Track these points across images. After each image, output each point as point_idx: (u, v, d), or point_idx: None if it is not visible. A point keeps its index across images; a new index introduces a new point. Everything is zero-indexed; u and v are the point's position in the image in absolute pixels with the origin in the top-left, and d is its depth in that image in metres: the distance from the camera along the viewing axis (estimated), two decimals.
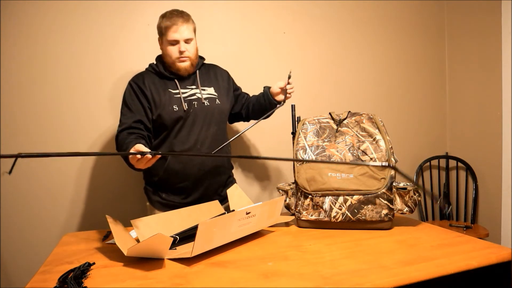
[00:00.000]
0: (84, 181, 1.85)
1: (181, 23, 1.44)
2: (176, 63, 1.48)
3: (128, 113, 1.46)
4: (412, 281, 0.85)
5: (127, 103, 1.47)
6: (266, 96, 1.60)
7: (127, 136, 1.38)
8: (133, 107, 1.46)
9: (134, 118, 1.44)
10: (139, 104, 1.46)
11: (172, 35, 1.45)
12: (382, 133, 1.30)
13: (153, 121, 1.49)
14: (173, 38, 1.45)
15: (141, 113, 1.46)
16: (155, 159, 1.21)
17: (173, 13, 1.47)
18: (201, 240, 0.97)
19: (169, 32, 1.45)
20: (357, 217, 1.23)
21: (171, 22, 1.44)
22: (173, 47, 1.47)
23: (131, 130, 1.41)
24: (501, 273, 0.97)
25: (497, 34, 2.22)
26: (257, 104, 1.65)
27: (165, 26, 1.45)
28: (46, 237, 1.79)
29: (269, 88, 1.60)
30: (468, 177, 2.45)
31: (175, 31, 1.44)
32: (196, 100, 1.51)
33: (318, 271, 0.89)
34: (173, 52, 1.47)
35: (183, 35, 1.45)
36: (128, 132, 1.41)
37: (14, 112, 1.74)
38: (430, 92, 2.55)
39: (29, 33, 1.74)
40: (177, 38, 1.45)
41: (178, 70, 1.50)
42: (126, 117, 1.45)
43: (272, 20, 2.14)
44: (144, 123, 1.46)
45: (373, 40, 2.38)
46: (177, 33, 1.44)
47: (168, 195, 1.53)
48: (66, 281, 0.87)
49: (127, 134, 1.39)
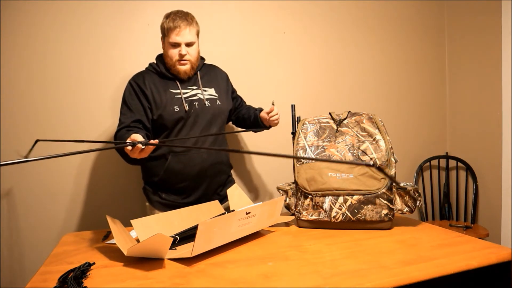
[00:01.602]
0: (84, 181, 1.85)
1: (184, 26, 1.43)
2: (176, 65, 1.48)
3: (127, 113, 1.45)
4: (412, 281, 0.85)
5: (127, 103, 1.47)
6: (254, 119, 1.63)
7: (125, 132, 1.38)
8: (132, 106, 1.46)
9: (133, 117, 1.44)
10: (139, 103, 1.46)
11: (174, 37, 1.44)
12: (382, 133, 1.30)
13: (154, 121, 1.49)
14: (175, 41, 1.44)
15: (140, 112, 1.45)
16: (149, 149, 1.21)
17: (177, 14, 1.46)
18: (201, 240, 0.97)
19: (171, 34, 1.44)
20: (357, 217, 1.23)
21: (174, 24, 1.43)
22: (174, 50, 1.46)
23: (129, 129, 1.41)
24: (501, 273, 0.97)
25: (497, 34, 2.22)
26: (248, 119, 1.67)
27: (167, 28, 1.44)
28: (46, 237, 1.79)
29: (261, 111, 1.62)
30: (468, 177, 2.45)
31: (177, 34, 1.43)
32: (198, 101, 1.51)
33: (318, 271, 0.89)
34: (174, 55, 1.46)
35: (184, 38, 1.44)
36: (126, 130, 1.40)
37: (14, 112, 1.74)
38: (430, 92, 2.55)
39: (29, 33, 1.74)
40: (178, 41, 1.44)
41: (178, 73, 1.50)
42: (126, 116, 1.45)
43: (272, 20, 2.14)
44: (143, 122, 1.45)
45: (373, 40, 2.38)
46: (179, 36, 1.44)
47: (168, 195, 1.53)
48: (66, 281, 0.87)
49: (125, 131, 1.39)
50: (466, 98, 2.47)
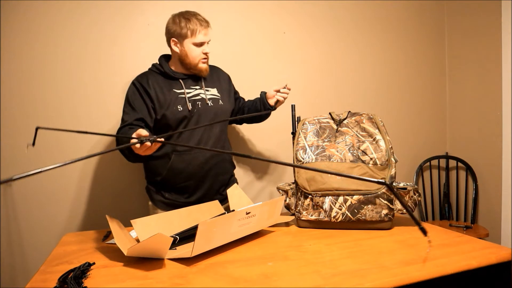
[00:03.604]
0: (84, 181, 1.85)
1: (206, 25, 1.50)
2: (199, 64, 1.51)
3: (130, 112, 1.45)
4: (412, 281, 0.85)
5: (130, 102, 1.47)
6: (261, 100, 1.63)
7: (127, 130, 1.38)
8: (136, 105, 1.46)
9: (136, 116, 1.44)
10: (142, 103, 1.46)
11: (202, 37, 1.48)
12: (382, 133, 1.30)
13: (158, 121, 1.49)
14: (202, 41, 1.48)
15: (143, 112, 1.46)
16: (156, 146, 1.21)
17: (197, 15, 1.50)
18: (201, 240, 0.97)
19: (198, 35, 1.47)
20: (357, 217, 1.23)
21: (202, 25, 1.48)
22: (197, 49, 1.49)
23: (132, 126, 1.41)
24: (501, 273, 0.97)
25: (497, 34, 2.22)
26: (253, 108, 1.68)
27: (192, 29, 1.47)
28: (46, 237, 1.79)
29: (265, 93, 1.63)
30: (468, 177, 2.45)
31: (206, 34, 1.49)
32: (200, 100, 1.52)
33: (318, 271, 0.89)
34: (198, 54, 1.50)
35: (209, 36, 1.51)
36: (129, 127, 1.40)
37: (14, 112, 1.74)
38: (430, 92, 2.55)
39: (29, 33, 1.74)
40: (205, 40, 1.49)
41: (200, 71, 1.53)
42: (129, 115, 1.45)
43: (272, 20, 2.14)
44: (146, 121, 1.46)
45: (373, 40, 2.38)
46: (206, 36, 1.50)
47: (171, 194, 1.54)
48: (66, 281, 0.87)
49: (128, 128, 1.39)
50: (466, 98, 2.47)
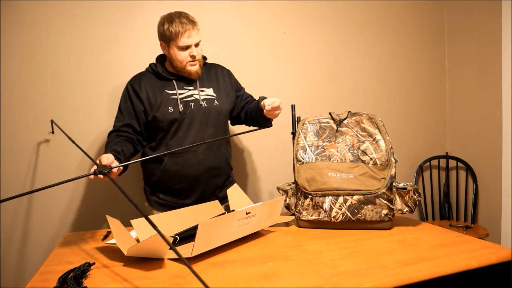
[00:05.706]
0: (84, 181, 1.85)
1: (192, 28, 1.43)
2: (186, 67, 1.47)
3: (120, 116, 1.49)
4: (412, 281, 0.85)
5: (121, 107, 1.51)
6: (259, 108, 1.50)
7: (113, 138, 1.43)
8: (124, 110, 1.49)
9: (123, 122, 1.47)
10: (131, 107, 1.48)
11: (185, 40, 1.42)
12: (382, 133, 1.30)
13: (150, 122, 1.49)
14: (186, 44, 1.43)
15: (131, 117, 1.48)
16: (118, 171, 1.23)
17: (181, 17, 1.43)
18: (201, 240, 0.97)
19: (182, 38, 1.41)
20: (357, 217, 1.23)
21: (183, 27, 1.41)
22: (183, 52, 1.44)
23: (119, 133, 1.45)
24: (501, 273, 0.97)
25: (497, 34, 2.22)
26: (255, 112, 1.57)
27: (175, 32, 1.41)
28: (46, 237, 1.79)
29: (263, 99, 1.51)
30: (468, 177, 2.45)
31: (189, 37, 1.42)
32: (194, 101, 1.50)
33: (318, 271, 0.89)
34: (184, 57, 1.45)
35: (194, 39, 1.44)
36: (116, 134, 1.45)
37: (14, 112, 1.74)
38: (430, 92, 2.55)
39: (29, 33, 1.74)
40: (190, 44, 1.43)
41: (189, 74, 1.49)
42: (118, 120, 1.49)
43: (272, 20, 2.14)
44: (133, 126, 1.47)
45: (373, 40, 2.37)
46: (190, 38, 1.42)
47: (166, 196, 1.53)
48: (66, 281, 0.87)
49: (114, 136, 1.44)
50: (466, 98, 2.47)
